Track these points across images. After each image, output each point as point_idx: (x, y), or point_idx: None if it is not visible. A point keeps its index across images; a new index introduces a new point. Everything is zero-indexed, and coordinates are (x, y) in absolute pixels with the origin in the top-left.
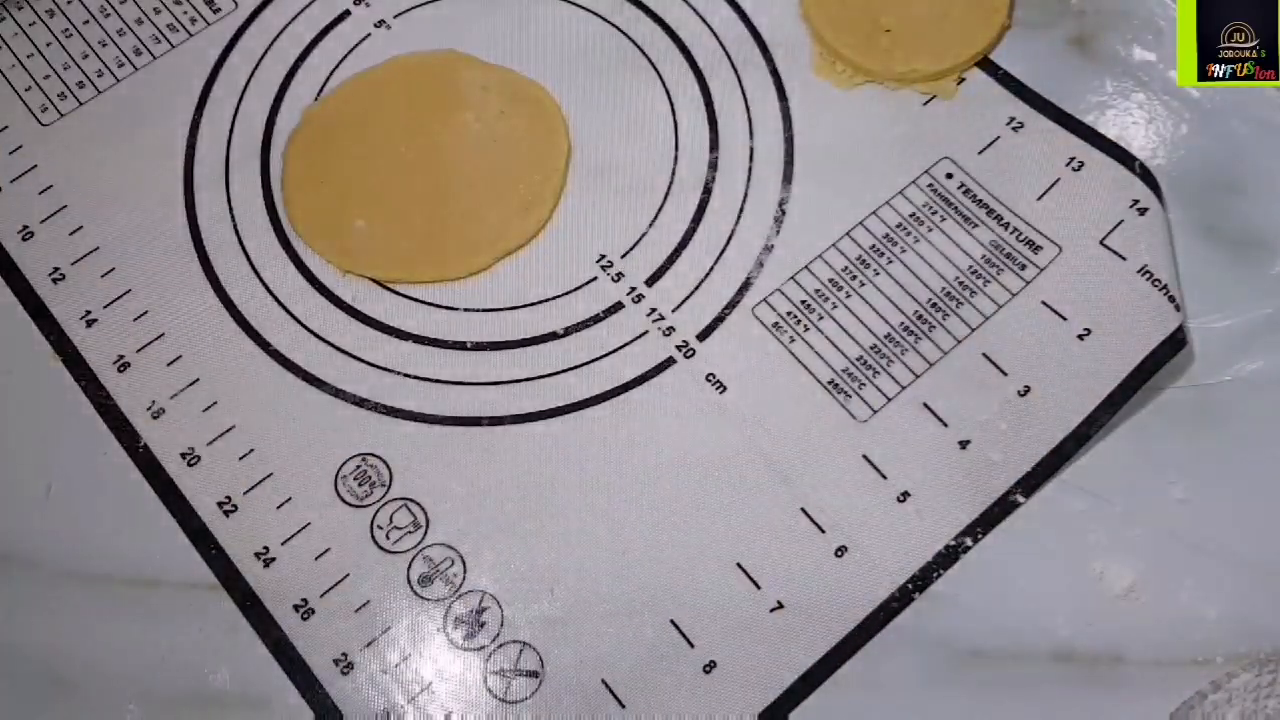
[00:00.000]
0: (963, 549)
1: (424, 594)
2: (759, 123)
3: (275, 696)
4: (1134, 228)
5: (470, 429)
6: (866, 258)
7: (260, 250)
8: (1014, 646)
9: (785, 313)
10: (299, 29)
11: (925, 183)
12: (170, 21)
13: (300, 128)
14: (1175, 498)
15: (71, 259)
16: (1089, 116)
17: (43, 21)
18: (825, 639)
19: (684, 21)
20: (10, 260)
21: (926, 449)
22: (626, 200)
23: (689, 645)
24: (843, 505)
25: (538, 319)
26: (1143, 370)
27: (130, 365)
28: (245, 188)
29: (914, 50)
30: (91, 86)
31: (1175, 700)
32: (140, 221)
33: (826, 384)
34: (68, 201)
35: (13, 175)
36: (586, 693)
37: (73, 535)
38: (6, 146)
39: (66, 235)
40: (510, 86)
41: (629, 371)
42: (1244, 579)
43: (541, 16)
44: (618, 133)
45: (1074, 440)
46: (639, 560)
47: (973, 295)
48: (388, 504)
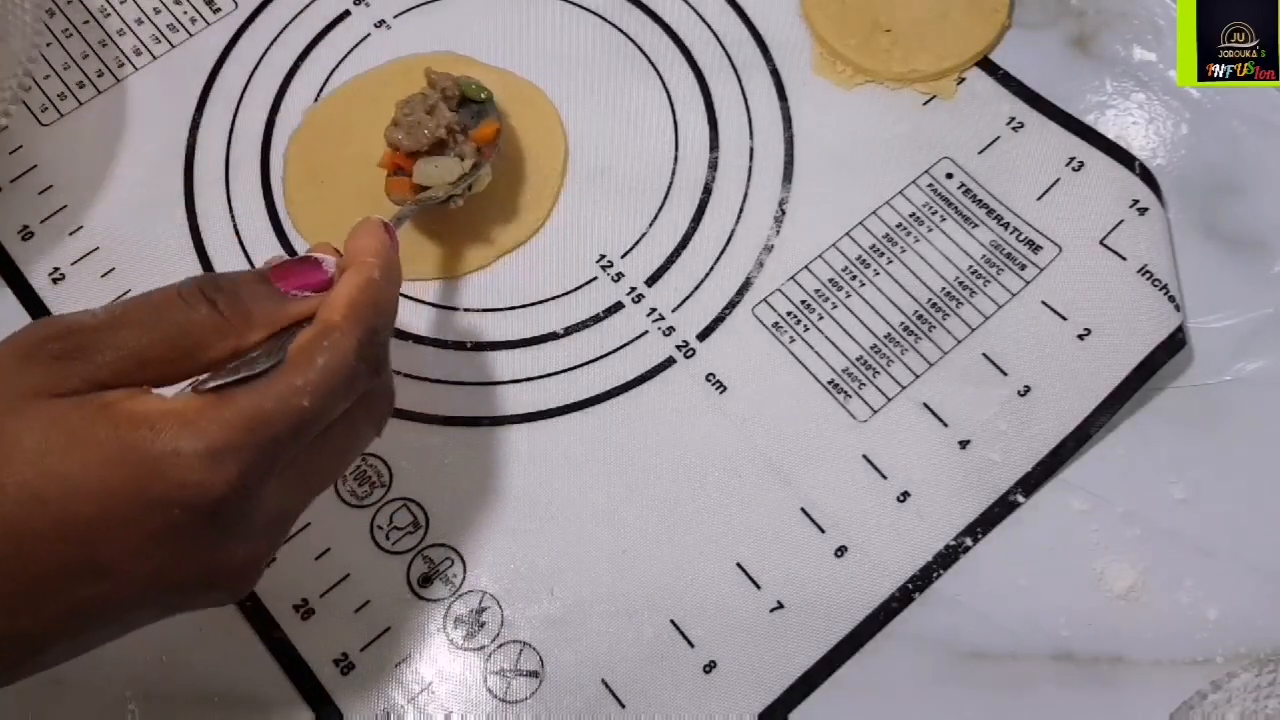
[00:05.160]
0: (963, 549)
1: (424, 594)
2: (759, 123)
3: (275, 696)
4: (1134, 228)
5: (470, 429)
6: (866, 257)
7: (260, 250)
8: (1014, 646)
9: (785, 313)
10: (299, 29)
11: (925, 183)
12: (170, 21)
13: (300, 128)
14: (1175, 498)
15: (71, 259)
16: (1089, 116)
17: (43, 21)
18: (825, 639)
19: (684, 21)
20: (10, 260)
21: (926, 449)
22: (626, 200)
23: (689, 645)
24: (843, 505)
25: (538, 319)
26: (1143, 370)
27: None
28: (245, 188)
29: (914, 50)
30: (91, 86)
31: (1175, 700)
32: (140, 221)
33: (826, 384)
34: (68, 201)
35: (13, 175)
36: (586, 693)
37: None
38: (6, 146)
39: (66, 235)
40: (508, 88)
41: (629, 371)
42: (1244, 579)
43: (541, 17)
44: (618, 133)
45: (1074, 440)
46: (639, 560)
47: (973, 295)
48: (388, 504)
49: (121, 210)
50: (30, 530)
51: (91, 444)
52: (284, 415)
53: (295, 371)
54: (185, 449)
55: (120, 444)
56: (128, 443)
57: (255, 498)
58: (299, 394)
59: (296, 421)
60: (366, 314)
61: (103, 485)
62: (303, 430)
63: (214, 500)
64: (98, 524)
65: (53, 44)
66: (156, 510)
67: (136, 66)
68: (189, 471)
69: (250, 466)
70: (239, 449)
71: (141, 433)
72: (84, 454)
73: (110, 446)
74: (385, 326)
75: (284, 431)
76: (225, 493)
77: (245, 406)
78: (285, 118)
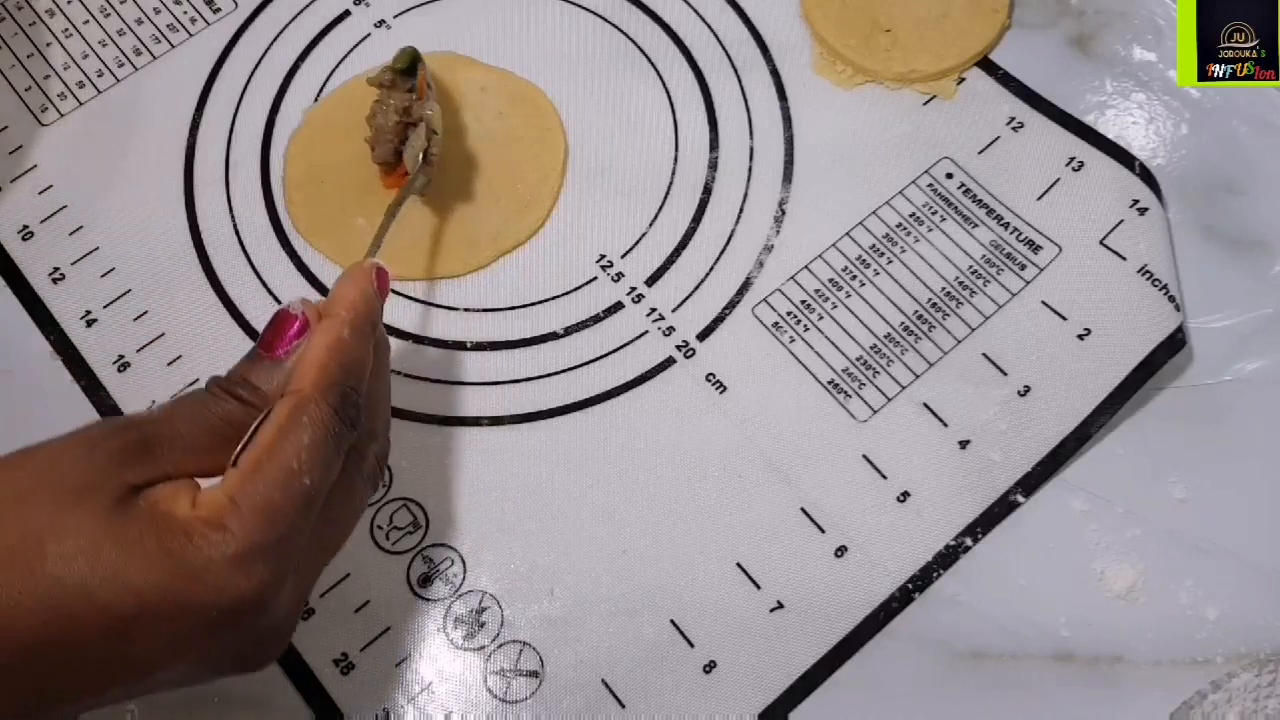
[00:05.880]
0: (963, 549)
1: (424, 594)
2: (759, 123)
3: (275, 696)
4: (1134, 228)
5: (470, 429)
6: (866, 257)
7: (260, 250)
8: (1014, 646)
9: (785, 313)
10: (299, 29)
11: (925, 183)
12: (170, 21)
13: (300, 128)
14: (1175, 498)
15: (71, 259)
16: (1089, 116)
17: (43, 21)
18: (825, 639)
19: (684, 21)
20: (10, 260)
21: (926, 449)
22: (626, 200)
23: (689, 645)
24: (843, 505)
25: (538, 319)
26: (1143, 370)
27: (130, 365)
28: (245, 188)
29: (914, 50)
30: (91, 86)
31: (1175, 700)
32: (140, 221)
33: (826, 384)
34: (68, 201)
35: (13, 175)
36: (586, 693)
37: None
38: (6, 146)
39: (66, 235)
40: (508, 87)
41: (629, 371)
42: (1244, 579)
43: (541, 16)
44: (618, 133)
45: (1074, 440)
46: (639, 560)
47: (973, 295)
48: (388, 504)
49: (121, 210)
50: (75, 619)
51: (138, 547)
52: (292, 500)
53: (286, 454)
54: (218, 557)
55: (162, 550)
56: (169, 549)
57: (283, 586)
58: (298, 475)
59: (303, 502)
60: (336, 377)
61: (147, 585)
62: (311, 506)
63: (248, 601)
64: (138, 621)
65: (53, 44)
66: (195, 612)
67: (136, 66)
68: (224, 577)
69: (277, 562)
70: (265, 549)
71: (179, 540)
72: (131, 556)
73: (154, 552)
74: (357, 385)
75: (296, 516)
76: (259, 592)
77: (259, 503)
78: (285, 118)
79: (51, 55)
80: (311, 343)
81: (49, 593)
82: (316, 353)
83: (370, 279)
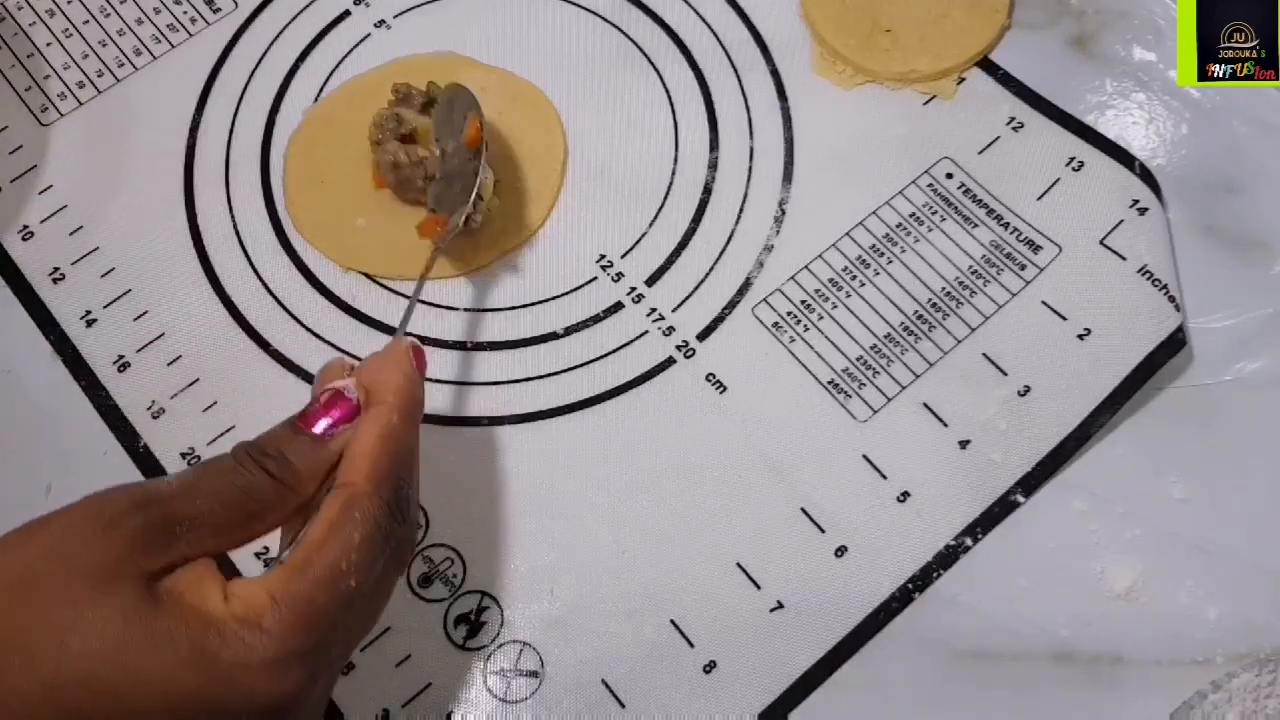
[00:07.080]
0: (963, 549)
1: (424, 594)
2: (759, 123)
3: None
4: (1134, 228)
5: (470, 429)
6: (866, 258)
7: (260, 250)
8: (1014, 646)
9: (785, 313)
10: (299, 29)
11: (925, 183)
12: (170, 21)
13: (300, 128)
14: (1175, 498)
15: (71, 259)
16: (1089, 116)
17: (43, 21)
18: (825, 639)
19: (684, 21)
20: (10, 260)
21: (926, 449)
22: (626, 200)
23: (689, 645)
24: (843, 505)
25: (538, 319)
26: (1143, 370)
27: (130, 365)
28: (245, 188)
29: (914, 50)
30: (91, 86)
31: (1175, 700)
32: (140, 221)
33: (826, 384)
34: (68, 201)
35: (13, 175)
36: (586, 693)
37: None
38: (6, 146)
39: (66, 235)
40: (508, 88)
41: (629, 371)
42: (1244, 579)
43: (541, 17)
44: (618, 133)
45: (1074, 440)
46: (639, 560)
47: (973, 295)
48: None
49: (121, 210)
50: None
51: (169, 650)
52: (336, 602)
53: (335, 552)
54: (254, 660)
55: (194, 652)
56: (199, 648)
57: (317, 686)
58: (345, 577)
59: (346, 602)
60: (389, 469)
61: (174, 686)
62: (353, 608)
63: (282, 705)
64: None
65: (53, 44)
66: (226, 716)
67: (136, 66)
68: (258, 682)
69: (313, 664)
70: (303, 653)
71: (214, 639)
72: (162, 658)
73: (186, 655)
74: (408, 476)
75: (338, 616)
76: (294, 695)
77: (301, 605)
78: (285, 118)
79: (51, 55)
80: (361, 431)
81: (73, 697)
82: (369, 443)
83: (410, 360)
